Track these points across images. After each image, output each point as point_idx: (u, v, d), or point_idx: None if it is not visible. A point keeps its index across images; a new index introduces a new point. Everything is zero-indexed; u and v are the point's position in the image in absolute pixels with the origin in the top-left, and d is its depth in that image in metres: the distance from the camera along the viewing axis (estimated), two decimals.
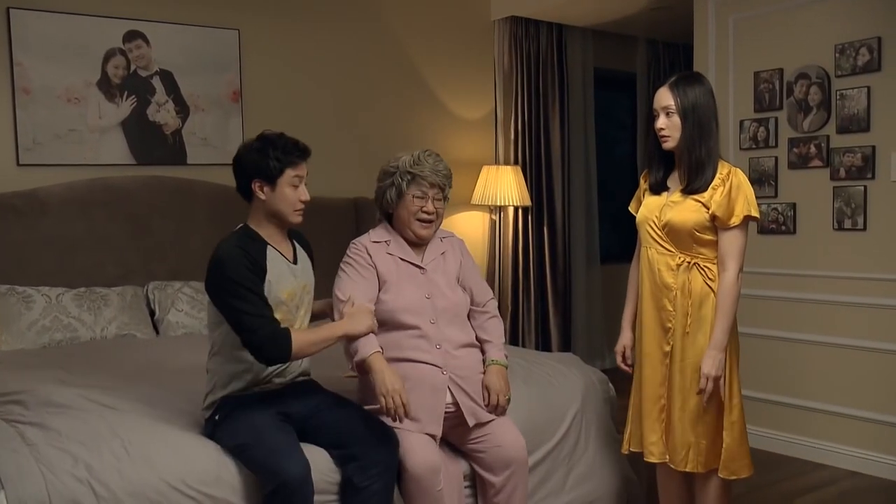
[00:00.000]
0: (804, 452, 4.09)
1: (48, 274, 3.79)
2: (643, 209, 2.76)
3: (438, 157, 2.78)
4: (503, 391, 2.72)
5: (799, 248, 4.12)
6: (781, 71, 4.15)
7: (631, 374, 2.86)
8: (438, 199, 2.76)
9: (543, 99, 5.60)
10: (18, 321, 3.55)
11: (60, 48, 4.01)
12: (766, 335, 4.18)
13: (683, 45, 6.20)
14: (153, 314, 3.91)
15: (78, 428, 2.38)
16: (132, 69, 4.21)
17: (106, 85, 4.15)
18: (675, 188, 2.69)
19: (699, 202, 2.60)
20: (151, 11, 4.25)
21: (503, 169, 5.27)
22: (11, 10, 3.88)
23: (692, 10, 4.55)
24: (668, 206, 2.67)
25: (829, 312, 4.00)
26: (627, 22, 5.69)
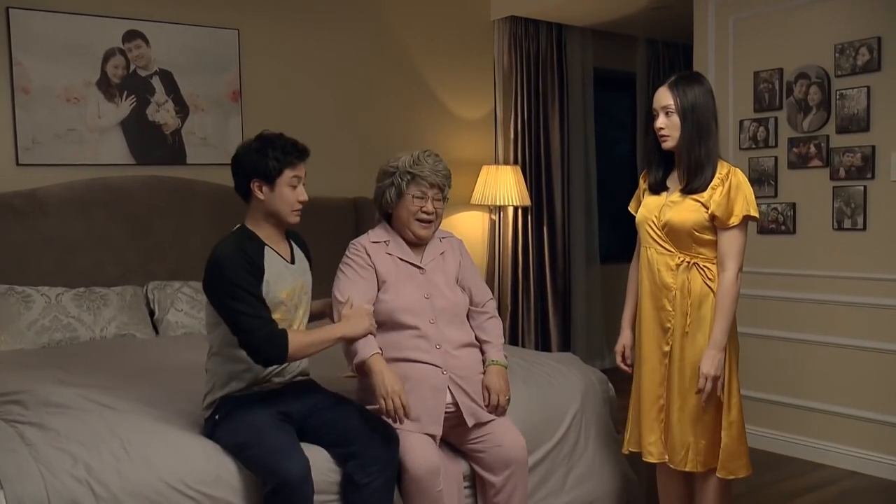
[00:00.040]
0: (804, 452, 4.09)
1: (47, 274, 3.79)
2: (643, 209, 2.76)
3: (438, 157, 2.78)
4: (503, 391, 2.72)
5: (799, 247, 4.11)
6: (781, 71, 4.15)
7: (631, 373, 2.86)
8: (438, 199, 2.76)
9: (543, 99, 5.60)
10: (18, 321, 3.55)
11: (60, 48, 4.00)
12: (765, 335, 4.18)
13: (683, 44, 6.19)
14: (153, 314, 3.91)
15: (77, 428, 2.38)
16: (132, 69, 4.21)
17: (105, 85, 4.14)
18: (674, 188, 2.69)
19: (698, 202, 2.60)
20: (151, 11, 4.25)
21: (503, 169, 5.27)
22: (11, 9, 3.88)
23: (692, 9, 4.54)
24: (667, 205, 2.66)
25: (828, 312, 4.00)
26: (627, 22, 5.69)
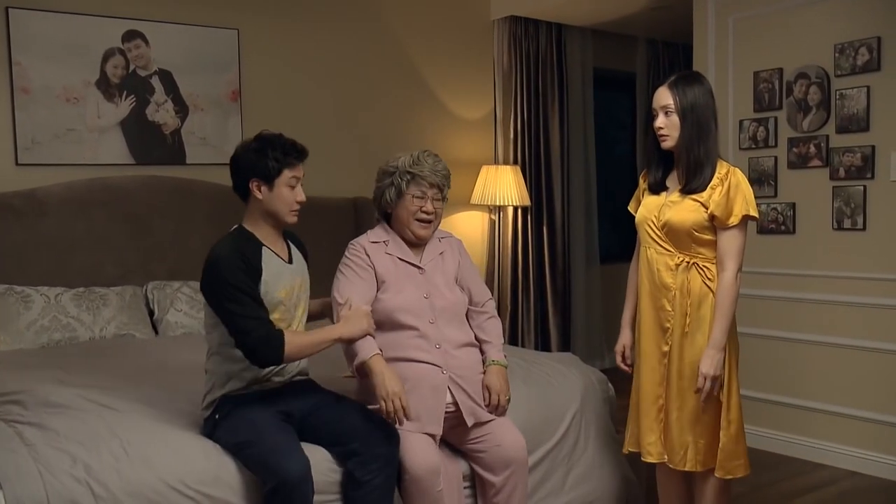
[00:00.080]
0: (804, 452, 4.09)
1: (47, 274, 3.79)
2: (642, 209, 2.76)
3: (437, 157, 2.79)
4: (504, 391, 2.72)
5: (798, 247, 4.11)
6: (781, 71, 4.15)
7: (630, 373, 2.86)
8: (437, 199, 2.77)
9: (543, 99, 5.60)
10: (17, 321, 3.55)
11: (59, 48, 4.00)
12: (765, 335, 4.18)
13: (683, 44, 6.19)
14: (152, 314, 3.91)
15: (76, 428, 2.38)
16: (131, 69, 4.21)
17: (105, 85, 4.14)
18: (673, 188, 2.69)
19: (698, 202, 2.60)
20: (150, 11, 4.25)
21: (502, 169, 5.27)
22: (10, 9, 3.88)
23: (692, 9, 4.54)
24: (666, 205, 2.66)
25: (828, 312, 4.00)
26: (627, 21, 5.69)
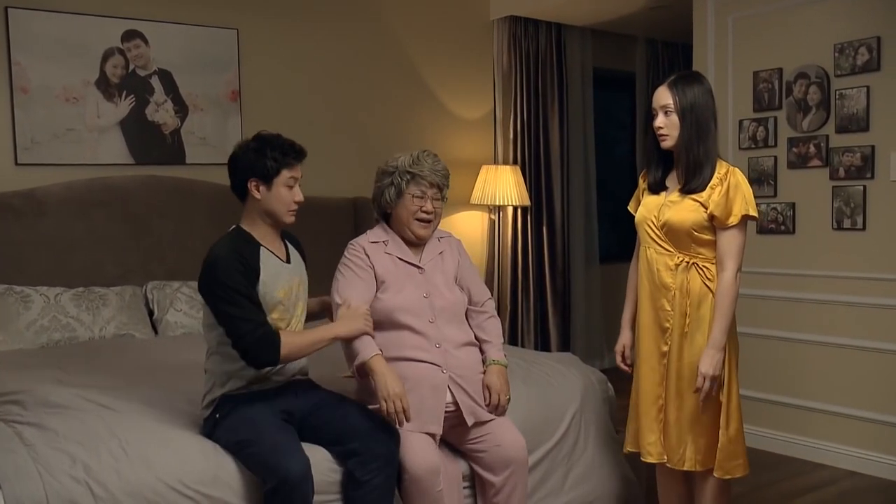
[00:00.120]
0: (803, 452, 4.09)
1: (46, 273, 3.79)
2: (642, 209, 2.76)
3: (436, 157, 2.79)
4: (504, 391, 2.72)
5: (798, 247, 4.11)
6: (781, 70, 4.15)
7: (631, 374, 2.86)
8: (437, 198, 2.77)
9: (542, 98, 5.59)
10: (17, 321, 3.55)
11: (59, 48, 4.00)
12: (765, 335, 4.18)
13: (682, 44, 6.19)
14: (152, 314, 3.90)
15: (76, 428, 2.38)
16: (131, 69, 4.21)
17: (104, 84, 4.14)
18: (673, 188, 2.69)
19: (697, 202, 2.60)
20: (150, 11, 4.25)
21: (502, 169, 5.27)
22: (10, 9, 3.88)
23: (691, 9, 4.54)
24: (666, 205, 2.66)
25: (828, 312, 4.00)
26: (626, 21, 5.69)
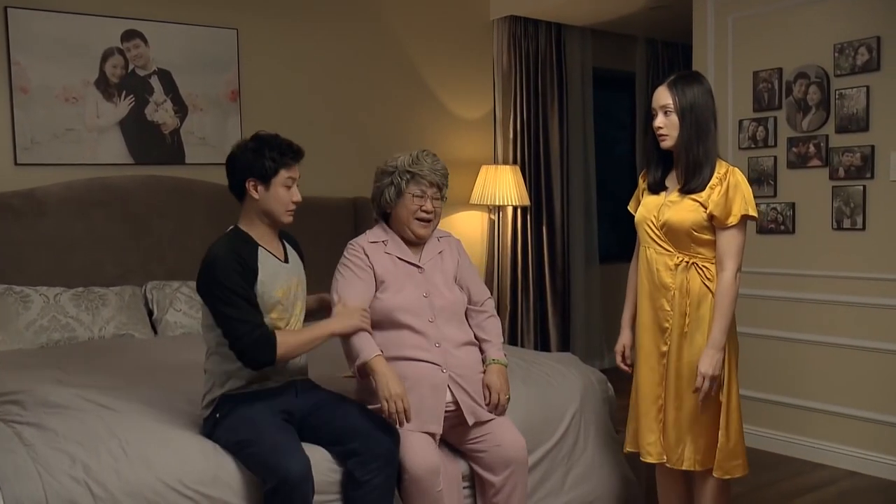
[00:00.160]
0: (803, 452, 4.09)
1: (46, 273, 3.79)
2: (641, 209, 2.76)
3: (436, 156, 2.80)
4: (504, 390, 2.72)
5: (798, 247, 4.11)
6: (780, 70, 4.15)
7: (631, 374, 2.85)
8: (437, 198, 2.78)
9: (542, 98, 5.59)
10: (16, 321, 3.55)
11: (58, 47, 4.00)
12: (764, 335, 4.18)
13: (682, 44, 6.19)
14: (151, 314, 3.90)
15: (75, 428, 2.37)
16: (130, 69, 4.21)
17: (104, 84, 4.14)
18: (673, 188, 2.69)
19: (697, 202, 2.59)
20: (150, 11, 4.24)
21: (502, 168, 5.26)
22: (9, 9, 3.87)
23: (691, 9, 4.54)
24: (666, 205, 2.66)
25: (828, 312, 4.00)
26: (626, 21, 5.69)
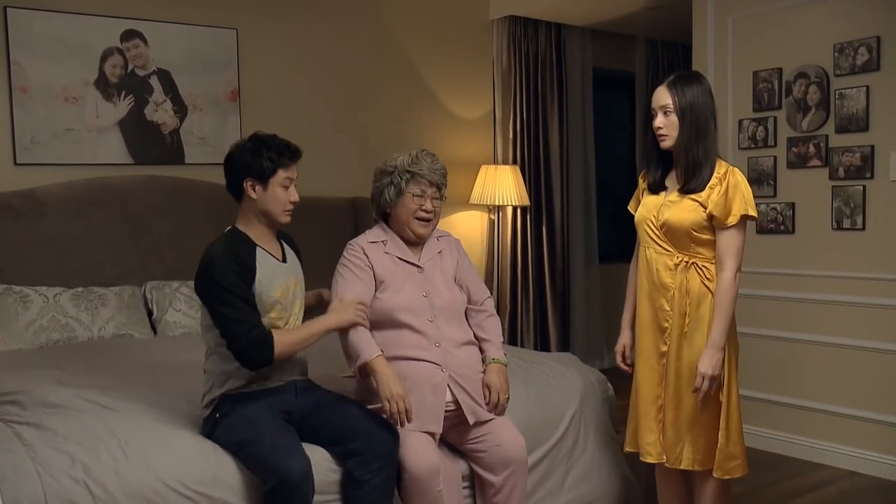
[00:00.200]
0: (803, 452, 4.09)
1: (45, 273, 3.78)
2: (641, 209, 2.76)
3: (434, 156, 2.81)
4: (503, 389, 2.72)
5: (798, 247, 4.11)
6: (780, 70, 4.14)
7: (631, 374, 2.85)
8: (436, 197, 2.78)
9: (542, 98, 5.59)
10: (16, 321, 3.55)
11: (58, 47, 3.99)
12: (764, 335, 4.18)
13: (682, 44, 6.19)
14: (151, 314, 3.90)
15: (75, 428, 2.37)
16: (130, 68, 4.20)
17: (103, 84, 4.14)
18: (672, 187, 2.69)
19: (696, 202, 2.59)
20: (149, 11, 4.24)
21: (502, 168, 5.26)
22: (9, 9, 3.87)
23: (691, 9, 4.54)
24: (665, 205, 2.66)
25: (827, 312, 4.00)
26: (626, 21, 5.69)
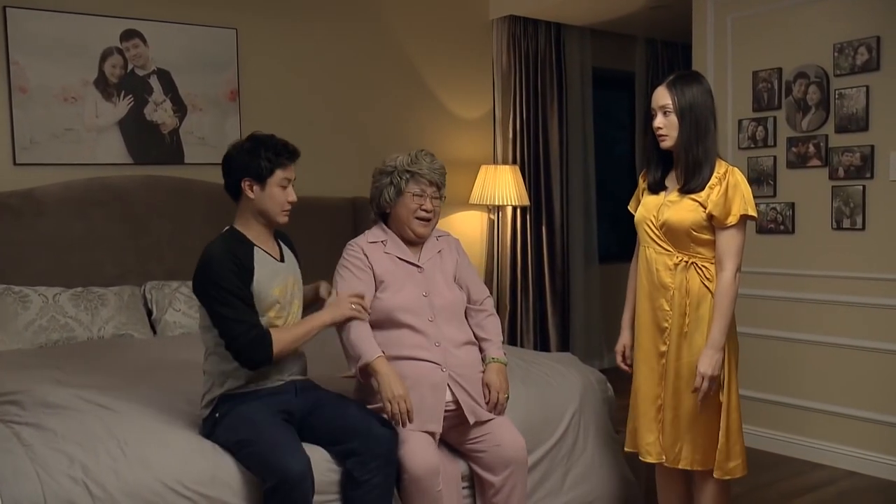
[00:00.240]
0: (803, 452, 4.09)
1: (45, 273, 3.78)
2: (641, 209, 2.76)
3: (433, 156, 2.81)
4: (503, 389, 2.73)
5: (797, 247, 4.11)
6: (780, 70, 4.14)
7: (631, 374, 2.85)
8: (436, 197, 2.78)
9: (542, 98, 5.59)
10: (15, 321, 3.54)
11: (57, 47, 3.99)
12: (764, 335, 4.18)
13: (682, 44, 6.19)
14: (150, 314, 3.90)
15: (74, 428, 2.37)
16: (129, 68, 4.20)
17: (103, 84, 4.14)
18: (672, 187, 2.69)
19: (696, 201, 2.59)
20: (149, 10, 4.24)
21: (501, 168, 5.26)
22: (8, 8, 3.87)
23: (691, 9, 4.54)
24: (665, 205, 2.66)
25: (827, 312, 4.00)
26: (626, 21, 5.69)
